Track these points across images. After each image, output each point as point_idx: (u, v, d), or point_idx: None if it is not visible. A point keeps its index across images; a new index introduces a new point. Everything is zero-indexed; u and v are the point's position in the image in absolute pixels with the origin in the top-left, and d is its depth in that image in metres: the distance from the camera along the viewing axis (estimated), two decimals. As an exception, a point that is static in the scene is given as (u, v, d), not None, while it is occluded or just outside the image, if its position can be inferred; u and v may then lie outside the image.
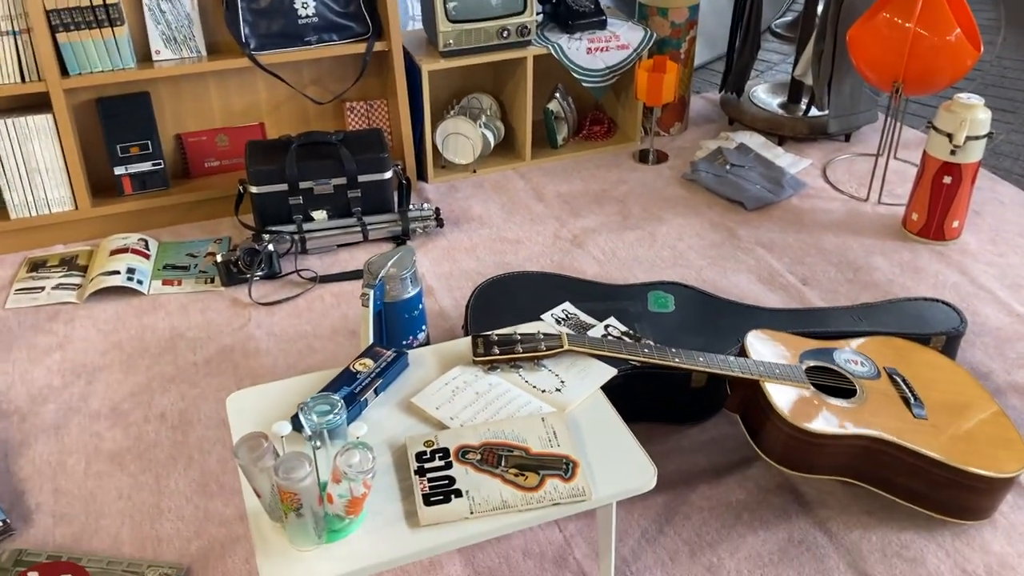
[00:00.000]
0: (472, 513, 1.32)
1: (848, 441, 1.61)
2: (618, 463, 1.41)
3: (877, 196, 2.75)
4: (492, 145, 2.88)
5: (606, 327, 1.94)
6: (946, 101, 2.43)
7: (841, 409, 1.65)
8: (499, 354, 1.59)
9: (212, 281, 2.35)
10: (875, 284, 2.36)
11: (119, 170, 2.54)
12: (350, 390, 1.52)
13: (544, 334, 1.63)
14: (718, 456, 1.83)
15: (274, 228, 2.42)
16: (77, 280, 2.36)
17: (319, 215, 2.47)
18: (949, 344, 1.96)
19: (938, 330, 1.95)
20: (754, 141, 3.03)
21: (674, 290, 2.08)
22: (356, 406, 1.49)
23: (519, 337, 1.62)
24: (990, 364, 2.07)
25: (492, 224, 2.62)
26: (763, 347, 1.77)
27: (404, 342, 1.93)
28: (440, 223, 2.54)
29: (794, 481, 1.77)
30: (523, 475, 1.38)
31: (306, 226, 2.44)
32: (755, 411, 1.68)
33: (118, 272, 2.32)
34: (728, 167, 2.85)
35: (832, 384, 1.73)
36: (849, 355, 1.80)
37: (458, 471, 1.38)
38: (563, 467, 1.39)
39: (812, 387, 1.68)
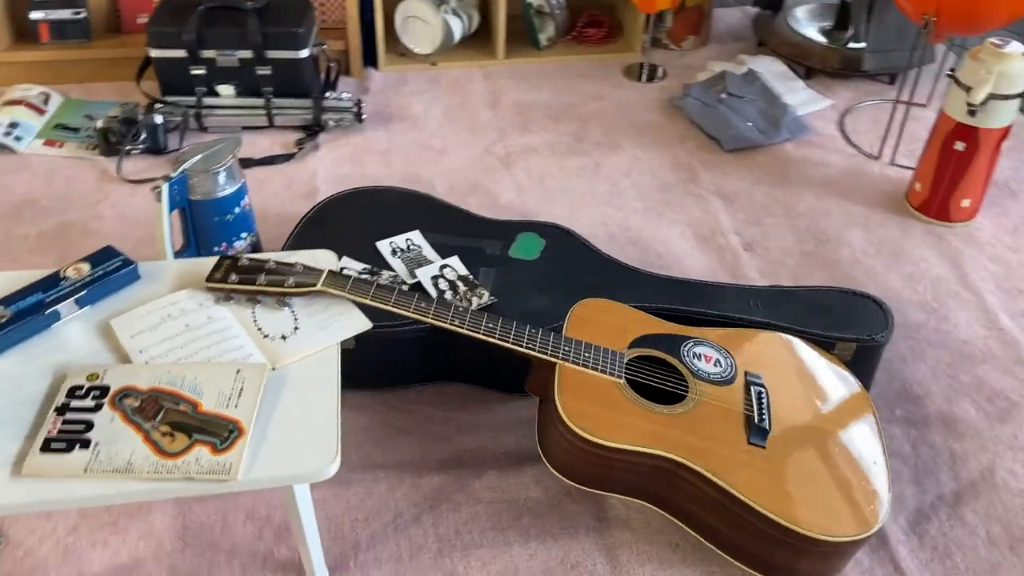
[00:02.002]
0: (86, 472, 1.09)
1: (640, 459, 1.27)
2: (301, 442, 1.14)
3: (891, 155, 2.25)
4: (457, 36, 2.53)
5: (442, 268, 1.64)
6: (976, 47, 1.90)
7: (648, 416, 1.30)
8: (236, 282, 1.33)
9: (95, 148, 2.17)
10: (834, 263, 1.92)
11: (36, 15, 2.35)
12: (42, 297, 1.30)
13: (304, 267, 1.35)
14: (528, 439, 1.52)
15: (170, 99, 2.20)
16: (-36, 128, 2.22)
17: (226, 90, 2.22)
18: (864, 355, 1.54)
19: (848, 335, 1.53)
20: (773, 69, 2.54)
21: (550, 234, 1.73)
22: (40, 318, 1.27)
23: (273, 266, 1.35)
24: (930, 386, 1.64)
25: (424, 128, 2.30)
26: (577, 321, 1.42)
27: (216, 248, 1.69)
28: (359, 118, 2.24)
29: (605, 489, 1.45)
30: (172, 436, 1.13)
31: (207, 101, 2.20)
32: (545, 401, 1.36)
33: (-1, 125, 2.16)
34: (723, 96, 2.40)
35: (662, 384, 1.38)
36: (705, 349, 1.44)
37: (103, 416, 1.15)
38: (223, 435, 1.13)
39: (624, 381, 1.34)
